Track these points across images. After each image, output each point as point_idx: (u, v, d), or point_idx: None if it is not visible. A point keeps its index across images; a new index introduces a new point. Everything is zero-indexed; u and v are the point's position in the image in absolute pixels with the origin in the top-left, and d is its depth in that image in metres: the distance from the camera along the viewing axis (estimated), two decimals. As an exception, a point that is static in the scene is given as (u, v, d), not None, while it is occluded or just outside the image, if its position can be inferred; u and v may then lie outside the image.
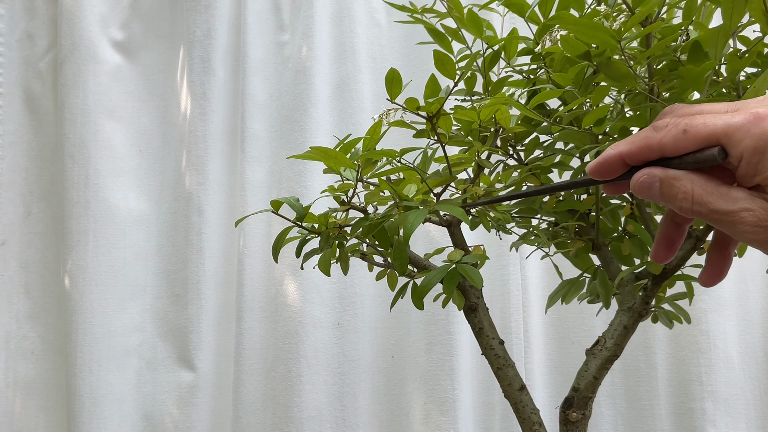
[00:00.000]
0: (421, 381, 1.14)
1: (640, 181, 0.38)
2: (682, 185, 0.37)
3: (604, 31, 0.43)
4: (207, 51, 1.26)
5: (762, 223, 0.35)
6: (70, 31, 1.27)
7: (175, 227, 1.26)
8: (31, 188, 1.33)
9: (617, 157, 0.39)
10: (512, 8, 0.53)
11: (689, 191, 0.37)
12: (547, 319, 1.16)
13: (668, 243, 0.43)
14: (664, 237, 0.43)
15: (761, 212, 0.35)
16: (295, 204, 0.53)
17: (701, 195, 0.36)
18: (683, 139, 0.37)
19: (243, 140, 1.23)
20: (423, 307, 0.53)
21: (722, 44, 0.43)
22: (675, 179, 0.37)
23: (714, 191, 0.36)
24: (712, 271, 0.42)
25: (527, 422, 0.56)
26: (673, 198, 0.37)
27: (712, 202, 0.36)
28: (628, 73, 0.45)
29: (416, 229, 0.46)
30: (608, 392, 1.13)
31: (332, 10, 1.24)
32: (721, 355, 1.08)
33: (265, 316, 1.20)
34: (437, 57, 0.47)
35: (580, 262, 0.63)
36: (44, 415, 1.29)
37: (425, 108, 0.48)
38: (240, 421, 1.17)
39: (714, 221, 0.37)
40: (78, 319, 1.22)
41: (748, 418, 1.08)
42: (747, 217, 0.35)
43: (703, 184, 0.37)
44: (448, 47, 0.57)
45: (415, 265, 0.58)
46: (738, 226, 0.36)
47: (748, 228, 0.35)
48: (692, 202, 0.37)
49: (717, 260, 0.42)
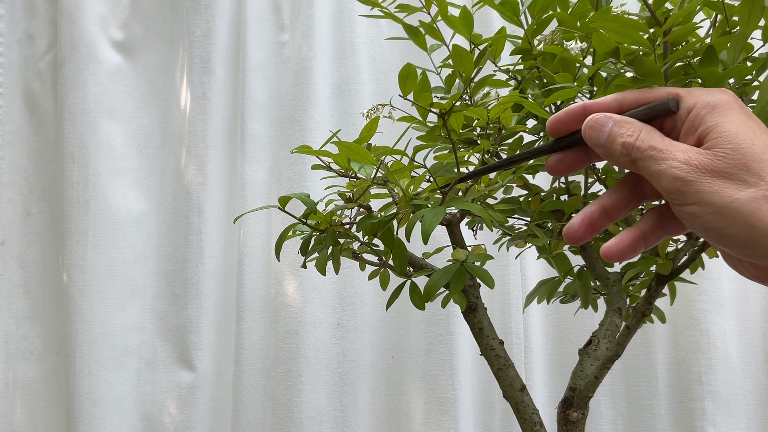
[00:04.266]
0: (421, 381, 1.14)
1: (595, 119, 0.39)
2: (632, 125, 0.39)
3: (637, 29, 0.44)
4: (207, 51, 1.26)
5: (690, 161, 0.36)
6: (69, 31, 1.27)
7: (175, 227, 1.26)
8: (30, 188, 1.33)
9: (580, 107, 0.41)
10: (505, 6, 0.53)
11: (637, 129, 0.38)
12: (547, 319, 1.17)
13: (587, 222, 0.42)
14: (586, 215, 0.42)
15: (693, 153, 0.36)
16: (307, 200, 0.52)
17: (646, 134, 0.38)
18: (647, 92, 0.40)
19: (243, 140, 1.23)
20: (424, 307, 0.53)
21: (740, 50, 0.43)
22: (628, 122, 0.39)
23: (658, 135, 0.38)
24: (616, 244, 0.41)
25: (528, 423, 0.56)
26: (619, 135, 0.38)
27: (654, 140, 0.38)
28: (657, 72, 0.46)
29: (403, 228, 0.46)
30: (608, 392, 1.14)
31: (332, 10, 1.24)
32: (720, 355, 1.08)
33: (265, 316, 1.20)
34: (455, 51, 0.47)
35: (560, 264, 0.63)
36: (44, 415, 1.29)
37: (438, 105, 0.48)
38: (240, 421, 1.17)
39: (647, 158, 0.37)
40: (77, 319, 1.21)
41: (747, 417, 1.08)
42: (678, 155, 0.36)
43: (650, 130, 0.39)
44: (422, 44, 0.57)
45: (411, 264, 0.57)
46: (667, 161, 0.37)
47: (675, 164, 0.36)
48: (636, 138, 0.38)
49: (627, 237, 0.41)
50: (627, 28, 0.44)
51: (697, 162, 0.36)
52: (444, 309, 0.95)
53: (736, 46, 0.44)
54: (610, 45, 0.47)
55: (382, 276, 0.60)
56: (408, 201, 0.49)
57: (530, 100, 0.49)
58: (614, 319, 0.58)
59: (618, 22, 0.44)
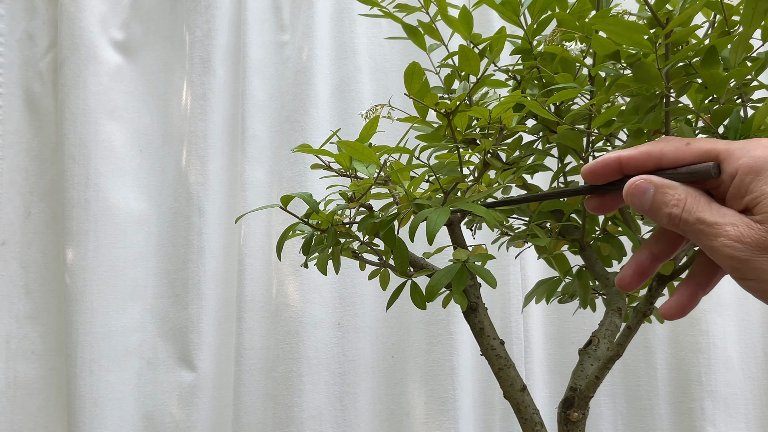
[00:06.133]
0: (422, 381, 1.14)
1: (636, 184, 0.38)
2: (676, 192, 0.37)
3: (639, 32, 0.43)
4: (207, 51, 1.26)
5: (744, 239, 0.35)
6: (70, 31, 1.27)
7: (176, 227, 1.26)
8: (31, 188, 1.33)
9: (615, 160, 0.40)
10: (506, 6, 0.53)
11: (682, 198, 0.37)
12: (547, 319, 1.17)
13: (638, 272, 0.42)
14: (636, 265, 0.42)
15: (745, 229, 0.35)
16: (309, 199, 0.52)
17: (692, 204, 0.37)
18: (684, 150, 0.38)
19: (243, 140, 1.23)
20: (425, 306, 0.53)
21: (742, 50, 0.43)
22: (670, 187, 0.38)
23: (705, 204, 0.37)
24: (676, 305, 0.42)
25: (529, 423, 0.56)
26: (664, 205, 0.38)
27: (702, 211, 0.37)
28: (657, 75, 0.46)
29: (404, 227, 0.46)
30: (608, 392, 1.14)
31: (332, 10, 1.24)
32: (720, 355, 1.08)
33: (265, 316, 1.20)
34: (462, 52, 0.46)
35: (559, 264, 0.64)
36: (44, 415, 1.29)
37: (444, 104, 0.47)
38: (240, 420, 1.18)
39: (697, 232, 0.37)
40: (78, 319, 1.21)
41: (747, 417, 1.09)
42: (731, 231, 0.35)
43: (696, 196, 0.37)
44: (421, 43, 0.57)
45: (412, 264, 0.57)
46: (719, 239, 0.36)
47: (728, 242, 0.35)
48: (682, 209, 0.37)
49: (684, 295, 0.42)
50: (628, 31, 0.43)
51: (751, 240, 0.35)
52: (444, 309, 0.95)
53: (738, 46, 0.44)
54: (610, 47, 0.47)
55: (382, 276, 0.59)
56: (410, 201, 0.49)
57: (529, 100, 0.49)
58: (614, 319, 0.58)
59: (619, 25, 0.43)
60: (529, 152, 0.58)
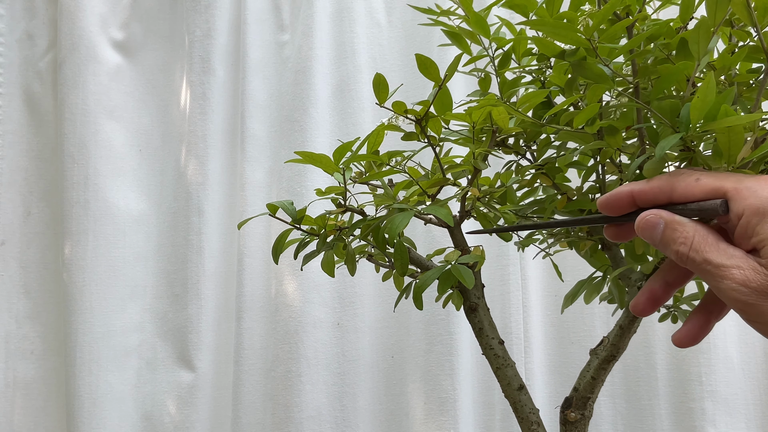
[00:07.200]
0: (421, 381, 1.14)
1: (646, 219, 0.39)
2: (684, 230, 0.38)
3: (572, 30, 0.43)
4: (207, 51, 1.26)
5: (750, 284, 0.35)
6: (69, 31, 1.27)
7: (175, 227, 1.26)
8: (31, 188, 1.33)
9: (628, 193, 0.40)
10: (516, 9, 0.53)
11: (690, 237, 0.38)
12: (547, 319, 1.16)
13: (652, 299, 0.43)
14: (650, 292, 0.43)
15: (751, 273, 0.35)
16: (289, 207, 0.53)
17: (700, 243, 0.37)
18: (694, 186, 0.38)
19: (243, 140, 1.23)
20: (422, 307, 0.54)
21: (705, 40, 0.42)
22: (680, 224, 0.38)
23: (713, 243, 0.37)
24: (688, 334, 0.43)
25: (526, 422, 0.56)
26: (672, 242, 0.38)
27: (709, 251, 0.37)
28: (601, 73, 0.45)
29: (410, 229, 0.47)
30: (608, 392, 1.13)
31: (332, 10, 1.24)
32: (721, 355, 1.08)
33: (265, 316, 1.20)
34: (420, 61, 0.48)
35: (595, 261, 0.63)
36: (44, 415, 1.29)
37: (413, 111, 0.49)
38: (240, 421, 1.18)
39: (704, 272, 0.37)
40: (78, 319, 1.22)
41: (747, 417, 1.08)
42: (736, 274, 0.36)
43: (704, 234, 0.38)
44: (466, 48, 0.57)
45: (417, 265, 0.58)
46: (725, 281, 0.36)
47: (734, 285, 0.36)
48: (690, 248, 0.37)
49: (696, 324, 0.43)
50: (560, 29, 0.43)
51: (756, 285, 0.35)
52: (444, 309, 0.95)
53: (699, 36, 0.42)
54: (555, 49, 0.47)
55: (395, 278, 0.61)
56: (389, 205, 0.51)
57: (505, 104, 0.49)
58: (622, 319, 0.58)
59: (549, 25, 0.43)
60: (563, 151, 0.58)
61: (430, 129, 0.50)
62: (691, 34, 0.42)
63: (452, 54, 0.72)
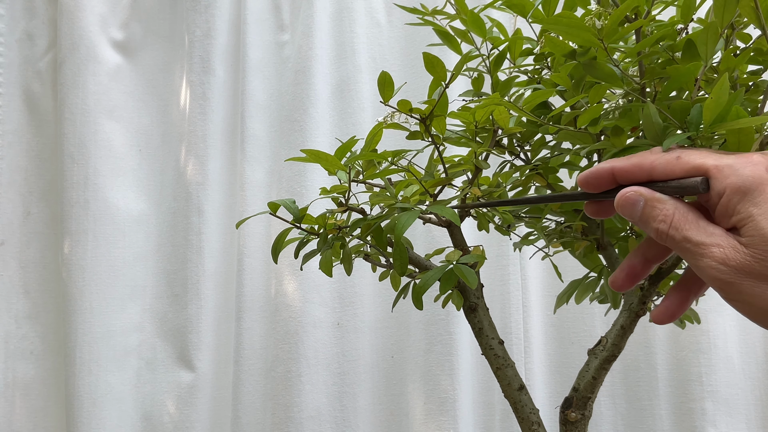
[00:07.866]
0: (421, 381, 1.14)
1: (626, 196, 0.39)
2: (664, 208, 0.38)
3: (586, 30, 0.43)
4: (207, 51, 1.26)
5: (729, 262, 0.35)
6: (69, 31, 1.27)
7: (175, 227, 1.26)
8: (30, 188, 1.33)
9: (608, 170, 0.40)
10: (514, 9, 0.53)
11: (670, 214, 0.37)
12: (547, 319, 1.16)
13: (631, 274, 0.43)
14: (629, 268, 0.43)
15: (730, 251, 0.35)
16: (291, 206, 0.53)
17: (679, 221, 0.37)
18: (674, 164, 0.38)
19: (243, 140, 1.23)
20: (422, 307, 0.53)
21: (713, 42, 0.42)
22: (659, 201, 0.38)
23: (693, 221, 0.37)
24: (666, 311, 0.43)
25: (526, 422, 0.56)
26: (652, 219, 0.38)
27: (688, 229, 0.37)
28: (612, 73, 0.45)
29: (409, 228, 0.47)
30: (608, 392, 1.13)
31: (332, 10, 1.24)
32: (721, 355, 1.08)
33: (264, 316, 1.20)
34: (427, 59, 0.48)
35: (589, 262, 0.63)
36: (44, 415, 1.29)
37: (418, 110, 0.49)
38: (239, 421, 1.17)
39: (683, 250, 0.37)
40: (77, 319, 1.21)
41: (748, 418, 1.08)
42: (716, 253, 0.35)
43: (684, 212, 0.37)
44: (456, 49, 0.57)
45: (416, 265, 0.58)
46: (704, 259, 0.36)
47: (713, 263, 0.35)
48: (669, 225, 0.37)
49: (675, 301, 0.43)
50: (575, 29, 0.43)
51: (735, 263, 0.35)
52: (444, 309, 0.95)
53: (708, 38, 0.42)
54: (565, 48, 0.46)
55: (392, 277, 0.60)
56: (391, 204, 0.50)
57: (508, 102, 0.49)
58: (622, 319, 0.58)
59: (562, 24, 0.43)
60: (557, 152, 0.58)
61: (434, 128, 0.50)
62: (698, 36, 0.42)
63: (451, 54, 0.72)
